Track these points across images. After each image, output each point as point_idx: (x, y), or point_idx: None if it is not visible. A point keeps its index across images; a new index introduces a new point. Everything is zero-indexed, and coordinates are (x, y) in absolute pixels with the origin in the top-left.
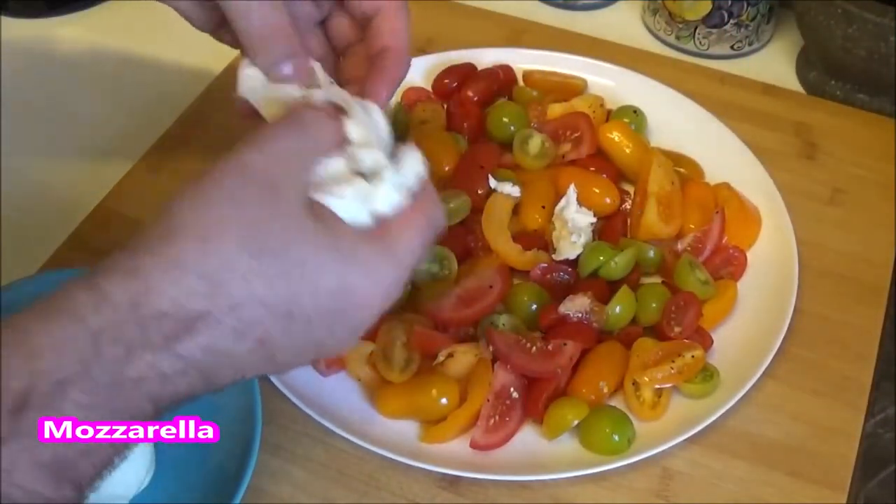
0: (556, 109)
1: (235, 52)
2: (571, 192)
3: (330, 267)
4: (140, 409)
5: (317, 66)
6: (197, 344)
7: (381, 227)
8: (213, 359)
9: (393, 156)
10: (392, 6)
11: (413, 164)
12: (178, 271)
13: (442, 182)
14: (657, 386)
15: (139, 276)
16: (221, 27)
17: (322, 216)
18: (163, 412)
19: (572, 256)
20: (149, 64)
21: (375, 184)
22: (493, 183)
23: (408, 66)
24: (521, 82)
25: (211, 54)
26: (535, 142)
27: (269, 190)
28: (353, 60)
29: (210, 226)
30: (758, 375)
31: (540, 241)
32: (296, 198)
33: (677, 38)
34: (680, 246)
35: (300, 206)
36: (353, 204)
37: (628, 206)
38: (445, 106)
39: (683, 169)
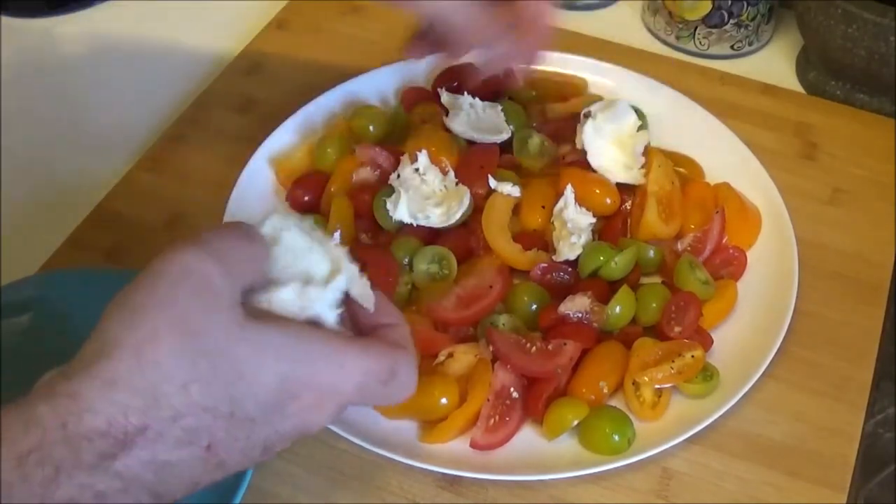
0: (556, 109)
1: (234, 54)
2: (569, 192)
3: (267, 371)
4: None
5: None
6: (136, 459)
7: (346, 335)
8: (155, 473)
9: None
10: None
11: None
12: (113, 389)
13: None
14: (657, 386)
15: (73, 397)
16: None
17: (260, 314)
18: None
19: (572, 257)
20: (148, 64)
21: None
22: (493, 183)
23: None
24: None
25: (211, 55)
26: (535, 142)
27: (213, 296)
28: None
29: (144, 338)
30: (758, 375)
31: (540, 241)
32: (234, 298)
33: (677, 38)
34: (680, 246)
35: (241, 310)
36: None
37: (628, 206)
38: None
39: (683, 169)
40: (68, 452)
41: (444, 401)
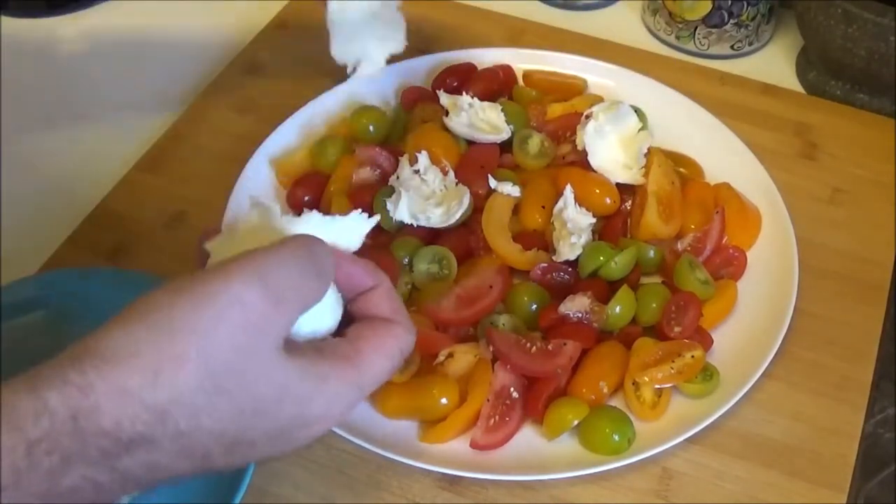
0: (556, 109)
1: (234, 54)
2: (568, 192)
3: (288, 405)
4: None
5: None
6: (136, 461)
7: (354, 349)
8: (152, 473)
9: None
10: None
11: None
12: (124, 399)
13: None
14: (657, 386)
15: (84, 393)
16: None
17: (293, 348)
18: None
19: (572, 257)
20: (148, 64)
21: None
22: (493, 183)
23: None
24: (521, 82)
25: (211, 55)
26: (535, 142)
27: (254, 333)
28: None
29: (166, 360)
30: (758, 375)
31: (540, 241)
32: (276, 340)
33: (677, 38)
34: (680, 246)
35: (279, 349)
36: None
37: (628, 206)
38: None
39: (683, 169)
40: (76, 445)
41: (444, 401)
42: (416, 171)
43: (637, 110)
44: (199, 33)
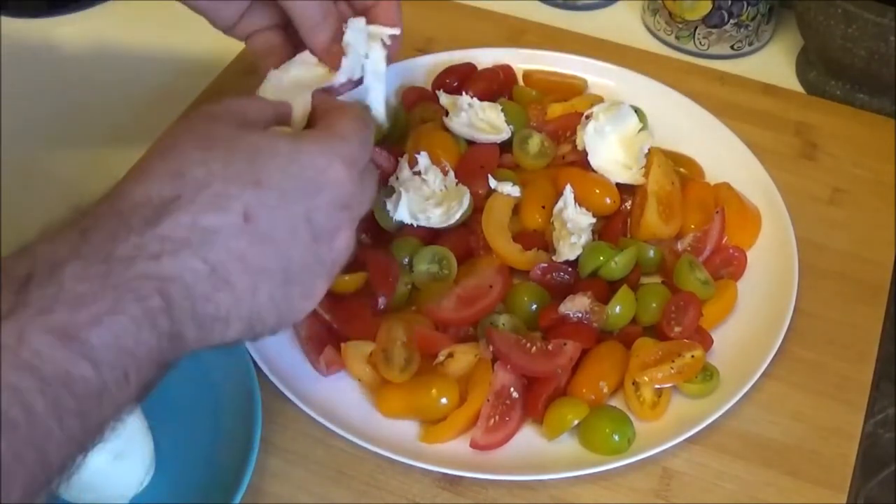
0: (556, 109)
1: (235, 53)
2: (568, 192)
3: (280, 143)
4: (141, 292)
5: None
6: (177, 222)
7: (323, 124)
8: (201, 236)
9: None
10: None
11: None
12: (145, 175)
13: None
14: (657, 386)
15: (115, 190)
16: (239, 23)
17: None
18: (176, 311)
19: (572, 257)
20: (148, 64)
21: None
22: (493, 183)
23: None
24: (521, 82)
25: (211, 55)
26: (535, 142)
27: (212, 115)
28: None
29: (166, 144)
30: (758, 375)
31: (540, 241)
32: (236, 119)
33: (677, 38)
34: (680, 246)
35: (241, 123)
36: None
37: (628, 206)
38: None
39: (683, 169)
40: (118, 221)
41: (444, 401)
42: (417, 172)
43: (637, 110)
44: (198, 33)
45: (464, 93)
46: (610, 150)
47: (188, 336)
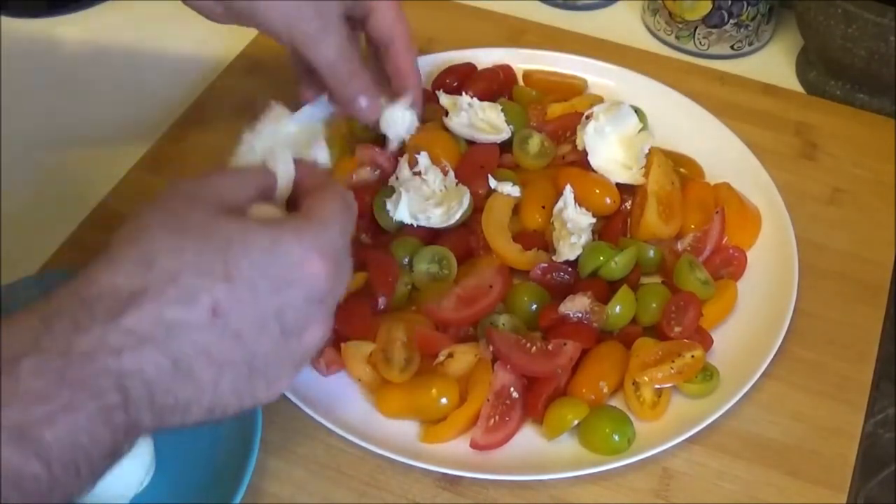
0: (556, 109)
1: (235, 53)
2: (568, 192)
3: (256, 236)
4: (99, 388)
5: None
6: (142, 314)
7: (304, 209)
8: (166, 330)
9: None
10: (381, 5)
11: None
12: (114, 262)
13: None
14: (657, 386)
15: (82, 274)
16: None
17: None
18: (133, 405)
19: (572, 257)
20: (149, 64)
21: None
22: (493, 183)
23: (413, 52)
24: (521, 82)
25: (211, 55)
26: (535, 142)
27: (189, 197)
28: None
29: (138, 227)
30: (758, 375)
31: (540, 241)
32: (213, 203)
33: (677, 38)
34: (680, 246)
35: (218, 208)
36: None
37: (628, 206)
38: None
39: (683, 169)
40: (81, 309)
41: (444, 401)
42: (417, 172)
43: (637, 110)
44: (199, 33)
45: (464, 93)
46: (610, 150)
47: (144, 423)
